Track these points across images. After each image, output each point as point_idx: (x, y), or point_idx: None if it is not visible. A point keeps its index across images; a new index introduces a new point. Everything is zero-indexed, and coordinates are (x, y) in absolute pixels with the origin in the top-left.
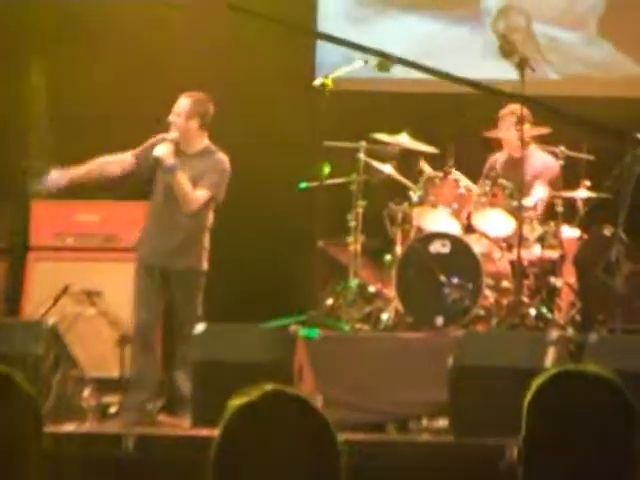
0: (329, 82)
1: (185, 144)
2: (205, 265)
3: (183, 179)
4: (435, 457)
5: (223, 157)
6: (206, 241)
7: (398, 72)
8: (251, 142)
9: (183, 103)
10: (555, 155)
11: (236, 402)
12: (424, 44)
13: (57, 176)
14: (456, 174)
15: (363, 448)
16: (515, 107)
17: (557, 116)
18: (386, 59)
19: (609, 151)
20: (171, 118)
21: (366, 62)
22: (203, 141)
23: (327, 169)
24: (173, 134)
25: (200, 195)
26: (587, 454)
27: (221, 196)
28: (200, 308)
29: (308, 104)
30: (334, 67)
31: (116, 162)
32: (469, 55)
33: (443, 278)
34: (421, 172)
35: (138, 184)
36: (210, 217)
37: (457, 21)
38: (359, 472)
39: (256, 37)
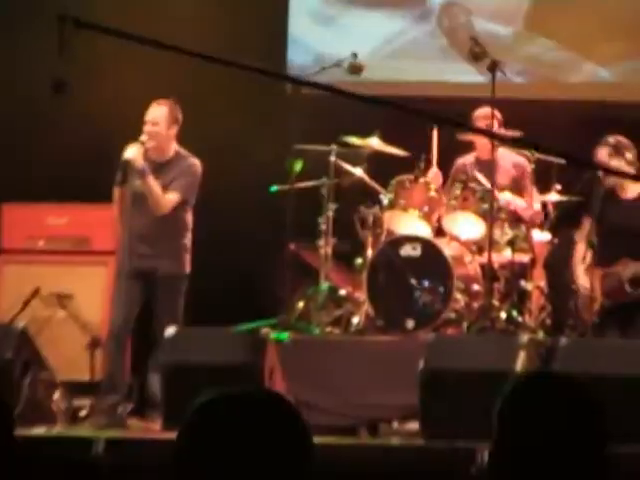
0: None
1: (158, 152)
2: (187, 268)
3: (153, 182)
4: (405, 460)
5: (194, 161)
6: (188, 243)
7: (369, 75)
8: (221, 145)
9: (160, 111)
10: (526, 158)
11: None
12: (392, 42)
13: None
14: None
15: (334, 451)
16: (487, 110)
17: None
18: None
19: (579, 154)
20: (148, 128)
21: (338, 65)
22: (174, 147)
23: (299, 166)
24: (143, 137)
25: (170, 198)
26: (558, 457)
27: (192, 198)
28: (181, 311)
29: (279, 107)
30: (305, 68)
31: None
32: (433, 54)
33: (414, 281)
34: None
35: (109, 186)
36: (188, 219)
37: (420, 18)
38: (329, 475)
39: (225, 39)
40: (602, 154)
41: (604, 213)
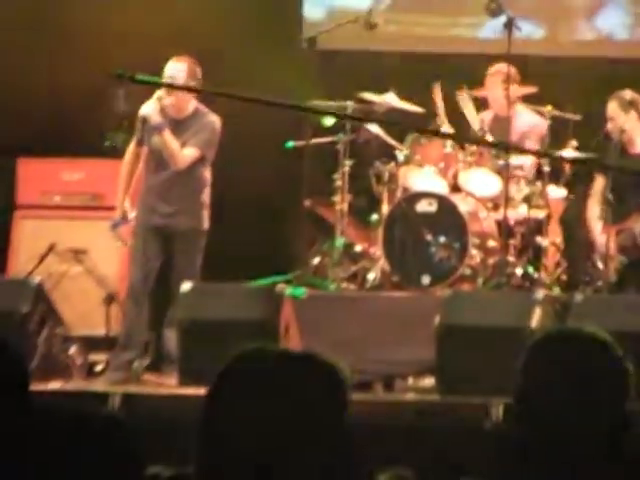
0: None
1: (177, 109)
2: (206, 224)
3: (170, 137)
4: (421, 416)
5: (214, 117)
6: (206, 199)
7: (386, 30)
8: (235, 101)
9: (179, 66)
10: (542, 115)
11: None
12: None
13: (120, 221)
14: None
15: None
16: (502, 66)
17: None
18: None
19: (595, 111)
20: (168, 81)
21: (353, 22)
22: (193, 104)
23: (329, 120)
24: (160, 93)
25: (188, 153)
26: (580, 414)
27: (211, 154)
28: (199, 268)
29: (295, 63)
30: (320, 24)
31: (131, 159)
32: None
33: (429, 237)
34: None
35: (125, 142)
36: (207, 175)
37: None
38: None
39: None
40: (612, 107)
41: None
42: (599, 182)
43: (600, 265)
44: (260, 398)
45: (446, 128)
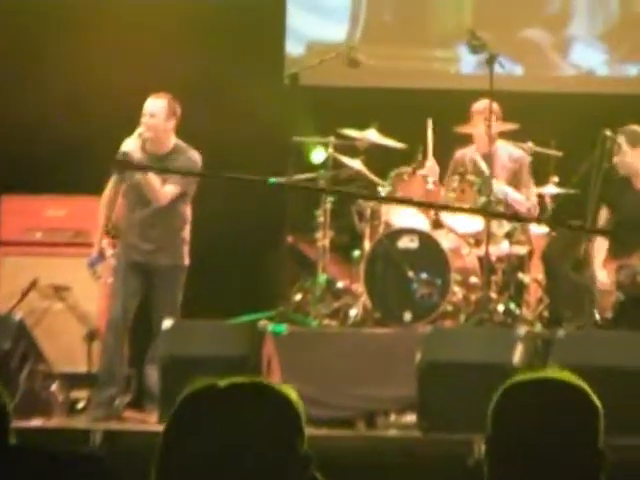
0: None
1: (157, 145)
2: (186, 261)
3: (150, 174)
4: (403, 452)
5: (194, 153)
6: (186, 235)
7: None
8: (219, 137)
9: (157, 104)
10: (524, 151)
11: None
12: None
13: (97, 259)
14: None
15: (331, 443)
16: (486, 102)
17: None
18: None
19: (577, 147)
20: (146, 120)
21: (336, 57)
22: (173, 139)
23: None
24: (140, 130)
25: (169, 190)
26: (553, 458)
27: (192, 190)
28: (179, 304)
29: (277, 99)
30: (301, 60)
31: (114, 198)
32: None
33: (411, 274)
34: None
35: (107, 178)
36: (187, 211)
37: None
38: (327, 467)
39: (225, 31)
40: (619, 141)
41: (619, 203)
42: (603, 215)
43: (598, 301)
44: (211, 431)
45: (432, 163)
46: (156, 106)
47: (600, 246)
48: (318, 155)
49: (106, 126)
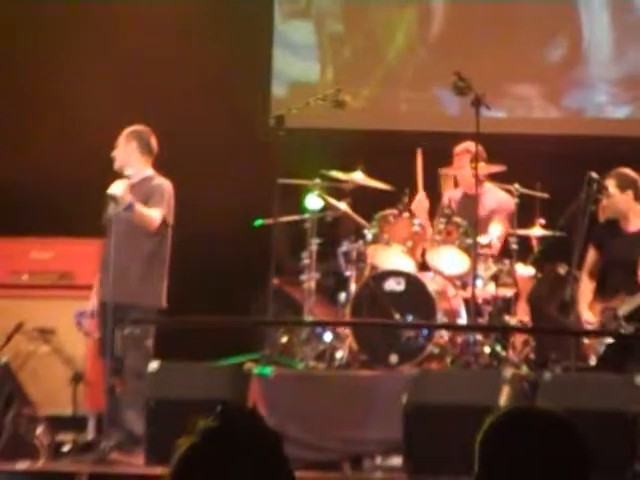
0: (283, 119)
1: (123, 168)
2: (164, 301)
3: (140, 208)
4: None
5: (165, 180)
6: (164, 274)
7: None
8: (205, 179)
9: (120, 136)
10: (510, 193)
11: (184, 442)
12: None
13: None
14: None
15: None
16: (470, 145)
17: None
18: None
19: (563, 189)
20: (113, 153)
21: (322, 100)
22: (147, 170)
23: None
24: (128, 171)
25: (155, 214)
26: None
27: (171, 218)
28: (152, 345)
29: (262, 141)
30: (285, 101)
31: None
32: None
33: (397, 316)
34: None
35: (93, 221)
36: (164, 246)
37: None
38: None
39: (212, 73)
40: (609, 184)
41: (606, 246)
42: (591, 256)
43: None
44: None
45: (421, 197)
46: (118, 139)
47: (586, 289)
48: (312, 201)
49: (93, 168)
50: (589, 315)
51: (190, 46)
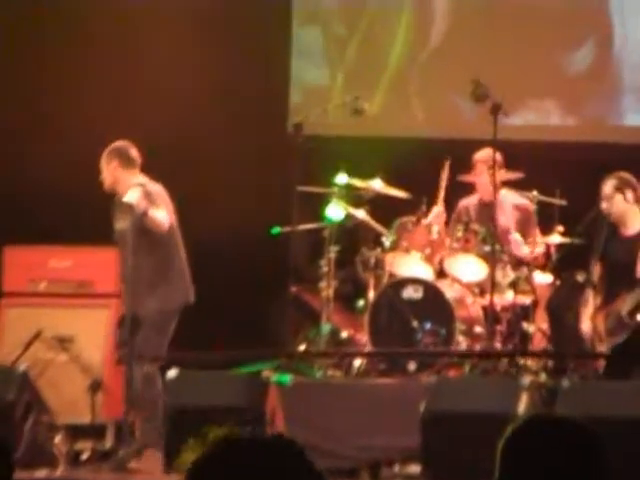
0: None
1: (122, 189)
2: (173, 304)
3: (154, 214)
4: None
5: (156, 184)
6: (181, 272)
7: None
8: (223, 186)
9: (101, 160)
10: (528, 199)
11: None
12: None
13: None
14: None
15: None
16: (489, 151)
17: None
18: None
19: (582, 196)
20: (101, 177)
21: (340, 107)
22: (136, 180)
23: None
24: (142, 180)
25: (162, 215)
26: None
27: (173, 218)
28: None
29: (281, 148)
30: (303, 107)
31: None
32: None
33: (416, 324)
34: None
35: (111, 229)
36: (173, 246)
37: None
38: None
39: (231, 81)
40: (607, 188)
41: (606, 251)
42: (594, 269)
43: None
44: None
45: (440, 209)
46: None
47: (587, 299)
48: (334, 211)
49: None
50: (587, 325)
51: (207, 53)
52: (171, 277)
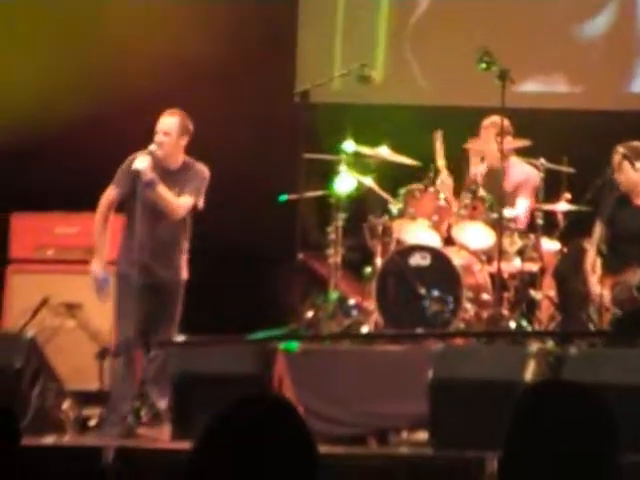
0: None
1: (168, 161)
2: (185, 274)
3: (164, 190)
4: (415, 470)
5: (203, 167)
6: (185, 249)
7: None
8: (230, 154)
9: (171, 121)
10: (536, 167)
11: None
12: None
13: (103, 276)
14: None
15: (343, 461)
16: (496, 119)
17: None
18: None
19: (590, 164)
20: (160, 137)
21: (347, 75)
22: (182, 156)
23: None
24: (152, 147)
25: (184, 202)
26: (569, 466)
27: (201, 202)
28: (178, 317)
29: (288, 116)
30: (314, 80)
31: (109, 208)
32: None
33: (423, 291)
34: None
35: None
36: (188, 225)
37: None
38: None
39: (237, 50)
40: (619, 158)
41: (616, 219)
42: (597, 232)
43: (594, 317)
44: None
45: (446, 177)
46: (169, 124)
47: (595, 263)
48: (343, 183)
49: (118, 143)
50: (597, 289)
51: (213, 22)
52: (183, 250)
